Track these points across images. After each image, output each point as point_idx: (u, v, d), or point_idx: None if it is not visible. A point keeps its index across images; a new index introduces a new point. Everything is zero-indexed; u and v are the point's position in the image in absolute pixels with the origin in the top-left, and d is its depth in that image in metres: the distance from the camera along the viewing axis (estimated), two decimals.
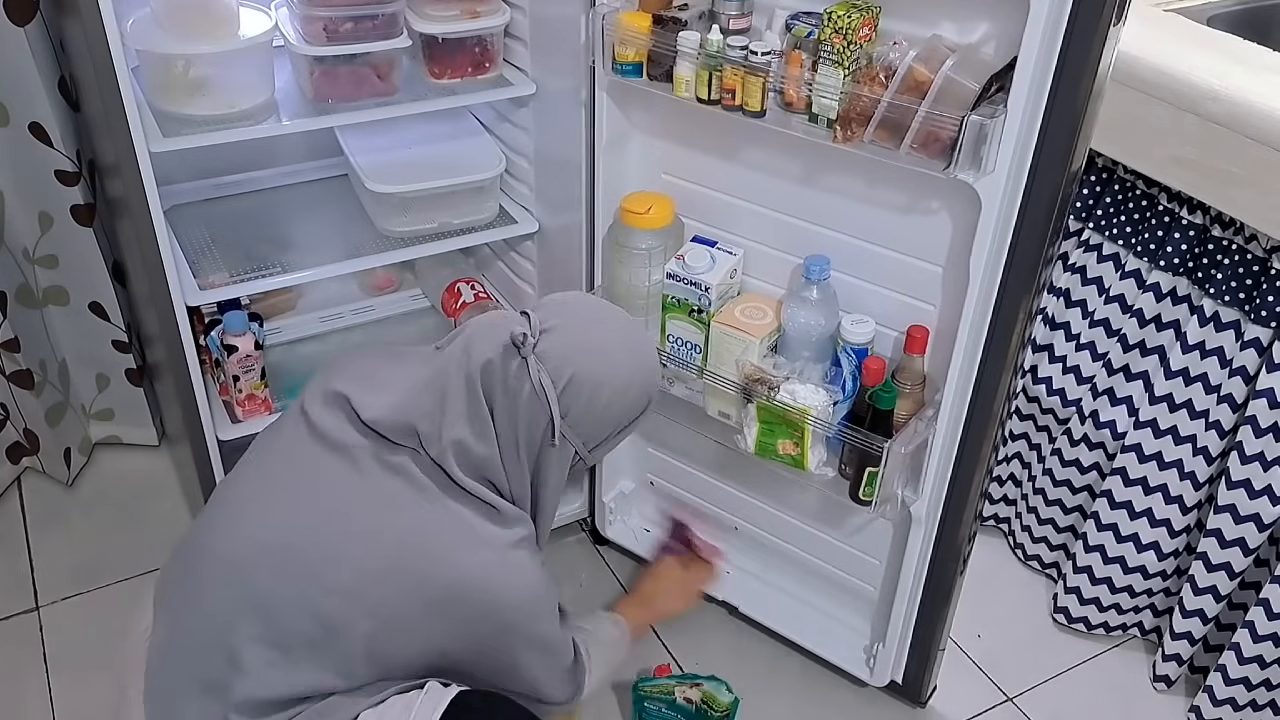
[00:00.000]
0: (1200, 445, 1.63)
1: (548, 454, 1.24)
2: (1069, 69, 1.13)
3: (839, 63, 1.24)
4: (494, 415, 1.22)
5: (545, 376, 1.21)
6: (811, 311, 1.49)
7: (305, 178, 1.95)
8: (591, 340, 1.26)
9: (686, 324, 1.57)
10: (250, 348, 1.67)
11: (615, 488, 1.97)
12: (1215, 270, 1.57)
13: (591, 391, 1.23)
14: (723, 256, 1.56)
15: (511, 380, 1.21)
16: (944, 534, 1.53)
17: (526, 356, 1.21)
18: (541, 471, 1.26)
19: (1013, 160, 1.22)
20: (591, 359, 1.24)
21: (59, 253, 1.93)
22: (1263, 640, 1.58)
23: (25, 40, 1.68)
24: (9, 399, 1.96)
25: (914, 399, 1.46)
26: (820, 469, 1.50)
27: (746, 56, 1.31)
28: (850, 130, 1.27)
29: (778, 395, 1.45)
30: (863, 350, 1.47)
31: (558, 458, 1.25)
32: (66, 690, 1.72)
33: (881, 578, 1.71)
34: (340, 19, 1.50)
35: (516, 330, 1.22)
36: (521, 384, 1.21)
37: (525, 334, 1.21)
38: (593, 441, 1.28)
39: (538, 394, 1.21)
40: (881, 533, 1.66)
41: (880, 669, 1.70)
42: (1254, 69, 1.54)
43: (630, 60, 1.43)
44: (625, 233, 1.58)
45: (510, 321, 1.26)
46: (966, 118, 1.17)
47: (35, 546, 1.98)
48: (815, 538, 1.76)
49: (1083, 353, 1.78)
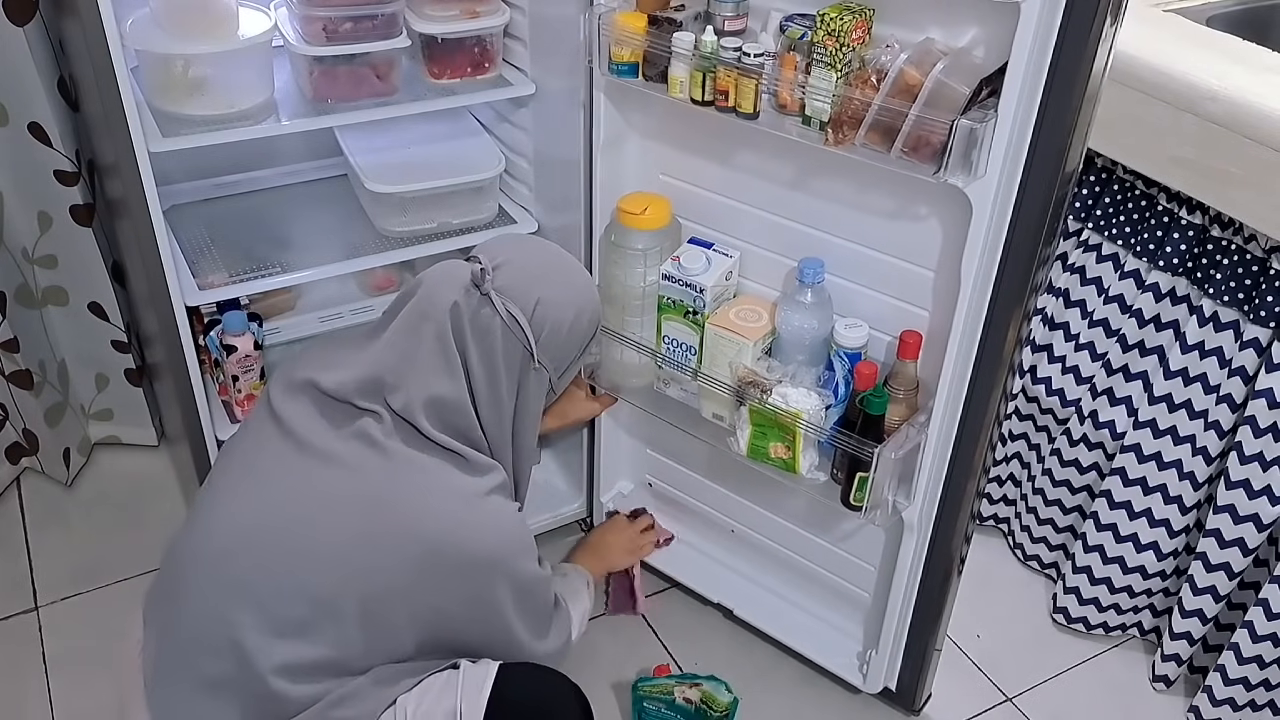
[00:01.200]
0: (1199, 445, 1.63)
1: (527, 384, 1.28)
2: (1062, 73, 1.12)
3: (832, 65, 1.23)
4: (465, 358, 1.24)
5: (513, 306, 1.25)
6: (805, 315, 1.48)
7: (304, 178, 1.95)
8: (544, 267, 1.33)
9: (682, 325, 1.57)
10: (249, 348, 1.67)
11: (613, 488, 1.97)
12: (1214, 270, 1.57)
13: (558, 313, 1.29)
14: (718, 258, 1.55)
15: (481, 319, 1.25)
16: (937, 541, 1.52)
17: (488, 292, 1.24)
18: (521, 406, 1.29)
19: (1004, 164, 1.21)
20: (550, 283, 1.30)
21: (58, 253, 1.93)
22: (1262, 640, 1.58)
23: (24, 40, 1.68)
24: (8, 399, 1.96)
25: (907, 405, 1.45)
26: (812, 473, 1.49)
27: (740, 58, 1.31)
28: (842, 133, 1.27)
29: (770, 398, 1.45)
30: (856, 354, 1.47)
31: (535, 387, 1.30)
32: (66, 690, 1.72)
33: (875, 583, 1.70)
34: (339, 19, 1.50)
35: (475, 269, 1.25)
36: (492, 319, 1.25)
37: (483, 269, 1.25)
38: (562, 364, 1.34)
39: (509, 325, 1.24)
40: (875, 538, 1.65)
41: (873, 676, 1.69)
42: (1253, 69, 1.54)
43: (626, 60, 1.43)
44: (621, 233, 1.58)
45: (460, 266, 1.29)
46: (956, 121, 1.16)
47: (34, 547, 1.98)
48: (809, 542, 1.76)
49: (1082, 353, 1.78)
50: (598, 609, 1.86)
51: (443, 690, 1.19)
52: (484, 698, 1.18)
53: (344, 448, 1.21)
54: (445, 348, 1.24)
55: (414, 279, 1.33)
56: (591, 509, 1.99)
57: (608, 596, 1.86)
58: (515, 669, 1.23)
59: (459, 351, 1.24)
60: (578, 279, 1.39)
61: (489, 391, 1.25)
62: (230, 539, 1.19)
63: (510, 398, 1.28)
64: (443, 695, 1.18)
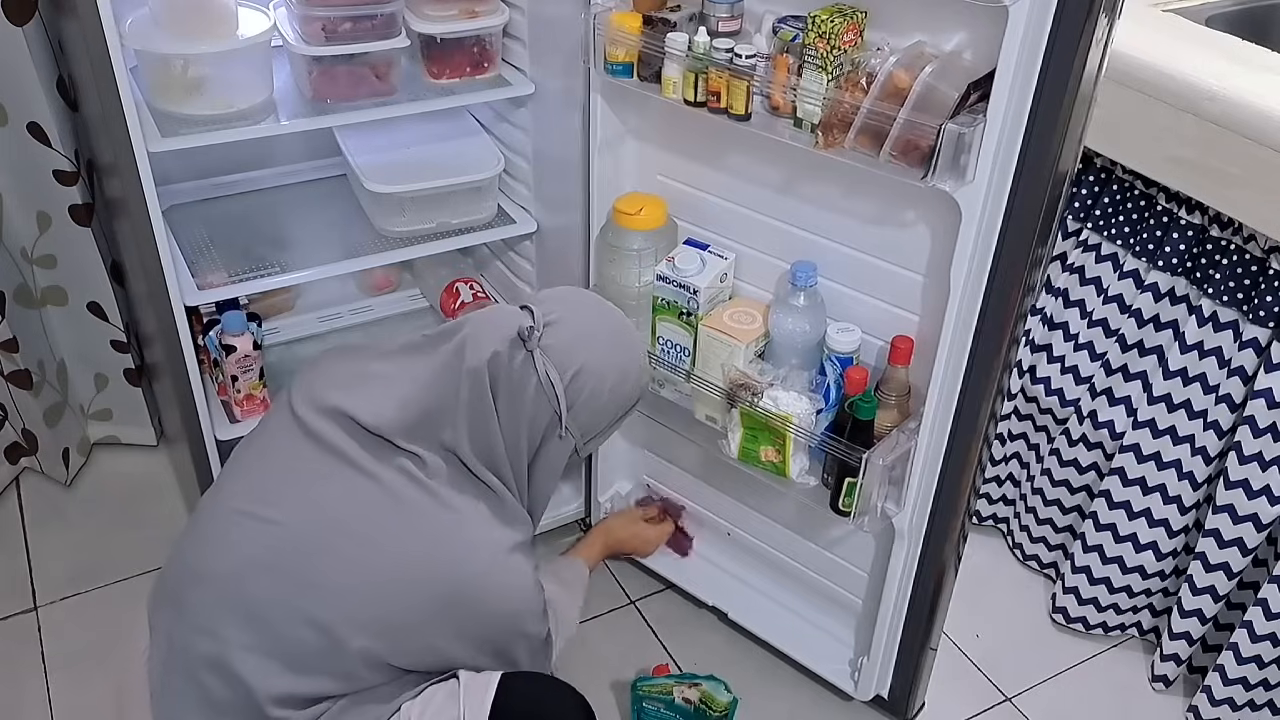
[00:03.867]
0: (1198, 445, 1.63)
1: (549, 446, 1.25)
2: (1053, 76, 1.11)
3: (823, 67, 1.23)
4: (498, 409, 1.22)
5: (552, 370, 1.22)
6: (798, 318, 1.48)
7: (304, 177, 1.95)
8: (594, 333, 1.28)
9: (676, 326, 1.57)
10: (249, 348, 1.67)
11: (611, 488, 1.97)
12: (1214, 270, 1.57)
13: (596, 383, 1.25)
14: (713, 260, 1.55)
15: (516, 373, 1.22)
16: (929, 548, 1.50)
17: (532, 350, 1.21)
18: (540, 463, 1.27)
19: (994, 169, 1.19)
20: (595, 351, 1.25)
21: (57, 253, 1.93)
22: (1261, 640, 1.58)
23: (24, 40, 1.68)
24: (7, 399, 1.95)
25: (899, 410, 1.44)
26: (802, 477, 1.49)
27: (731, 59, 1.30)
28: (832, 136, 1.26)
29: (761, 401, 1.44)
30: (847, 359, 1.46)
31: (558, 450, 1.26)
32: (65, 690, 1.72)
33: (866, 589, 1.69)
34: (338, 19, 1.50)
35: (524, 324, 1.22)
36: (527, 377, 1.21)
37: (531, 327, 1.22)
38: (590, 433, 1.30)
39: (544, 387, 1.21)
40: (866, 544, 1.64)
41: (864, 683, 1.67)
42: (1252, 69, 1.54)
43: (621, 60, 1.43)
44: (616, 233, 1.58)
45: (511, 315, 1.26)
46: (944, 126, 1.15)
47: (33, 547, 1.98)
48: (802, 546, 1.75)
49: (1081, 352, 1.78)
50: (599, 610, 1.87)
51: (446, 699, 1.18)
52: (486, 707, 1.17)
53: (382, 485, 1.19)
54: (480, 397, 1.21)
55: (461, 318, 1.31)
56: (589, 509, 1.99)
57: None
58: (518, 677, 1.23)
59: (494, 402, 1.22)
60: (627, 348, 1.33)
61: (514, 446, 1.23)
62: (249, 562, 1.17)
63: (528, 455, 1.26)
64: (446, 704, 1.18)
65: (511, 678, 1.22)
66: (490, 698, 1.18)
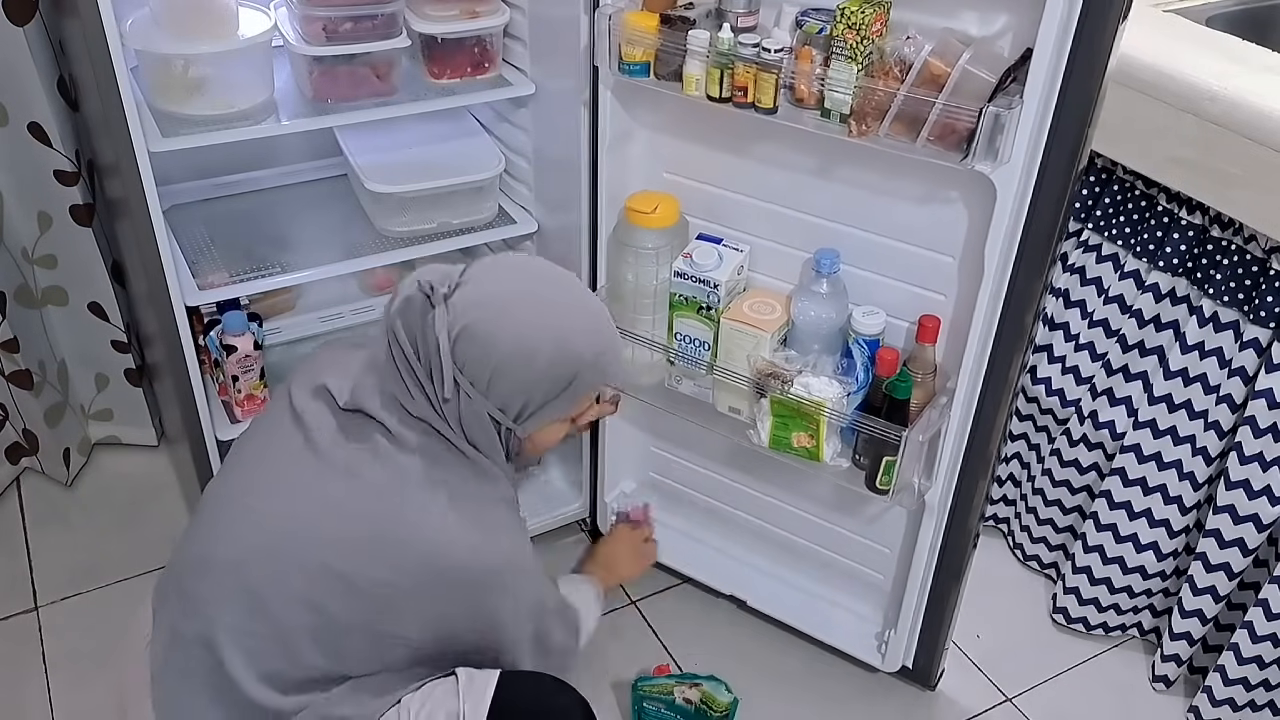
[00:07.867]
0: (1199, 445, 1.63)
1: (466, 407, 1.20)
2: (1080, 60, 1.16)
3: (852, 58, 1.26)
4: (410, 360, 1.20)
5: (442, 327, 1.17)
6: (822, 305, 1.50)
7: (304, 178, 1.95)
8: (498, 296, 1.20)
9: (695, 321, 1.58)
10: (249, 348, 1.67)
11: (616, 487, 1.97)
12: (1214, 271, 1.57)
13: (484, 346, 1.18)
14: (730, 253, 1.56)
15: (421, 324, 1.19)
16: (955, 519, 1.55)
17: (435, 305, 1.18)
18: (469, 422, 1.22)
19: (1028, 150, 1.24)
20: (490, 314, 1.18)
21: (58, 253, 1.93)
22: (1261, 640, 1.58)
23: (24, 40, 1.68)
24: (8, 399, 1.96)
25: (925, 388, 1.48)
26: (835, 460, 1.52)
27: (759, 54, 1.32)
28: (865, 124, 1.29)
29: (792, 389, 1.46)
30: (875, 341, 1.49)
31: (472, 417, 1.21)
32: (66, 690, 1.72)
33: (894, 566, 1.73)
34: (339, 19, 1.50)
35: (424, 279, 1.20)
36: (429, 330, 1.18)
37: (432, 283, 1.19)
38: (511, 409, 1.22)
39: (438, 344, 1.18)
40: (893, 522, 1.68)
41: (892, 655, 1.72)
42: (1253, 69, 1.54)
43: (638, 60, 1.43)
44: (631, 232, 1.58)
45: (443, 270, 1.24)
46: (985, 109, 1.19)
47: (34, 547, 1.98)
48: (825, 529, 1.78)
49: (1082, 353, 1.78)
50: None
51: (445, 694, 1.18)
52: (486, 703, 1.17)
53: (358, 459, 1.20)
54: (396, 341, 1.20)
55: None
56: (595, 509, 1.99)
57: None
58: (518, 675, 1.23)
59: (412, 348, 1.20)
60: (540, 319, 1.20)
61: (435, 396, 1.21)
62: (251, 549, 1.18)
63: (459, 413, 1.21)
64: (446, 698, 1.18)
65: (512, 675, 1.22)
66: (490, 694, 1.18)
